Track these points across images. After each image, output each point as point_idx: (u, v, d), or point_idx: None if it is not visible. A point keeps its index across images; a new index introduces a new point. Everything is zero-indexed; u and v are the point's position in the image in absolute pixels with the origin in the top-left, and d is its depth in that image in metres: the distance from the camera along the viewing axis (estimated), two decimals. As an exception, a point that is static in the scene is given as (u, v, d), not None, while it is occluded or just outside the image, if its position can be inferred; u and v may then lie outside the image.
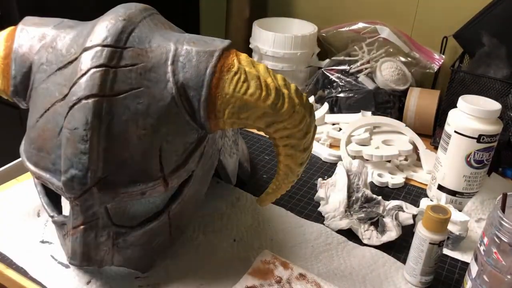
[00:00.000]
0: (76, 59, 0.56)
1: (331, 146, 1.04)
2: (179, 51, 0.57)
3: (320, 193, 0.83)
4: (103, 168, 0.55)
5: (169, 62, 0.57)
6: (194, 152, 0.60)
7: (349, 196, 0.80)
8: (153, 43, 0.58)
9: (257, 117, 0.58)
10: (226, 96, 0.57)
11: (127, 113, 0.55)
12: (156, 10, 0.65)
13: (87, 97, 0.53)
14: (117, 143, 0.55)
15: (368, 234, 0.75)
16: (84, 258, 0.58)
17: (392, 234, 0.74)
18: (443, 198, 0.84)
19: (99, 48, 0.55)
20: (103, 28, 0.56)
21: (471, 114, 0.78)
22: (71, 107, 0.54)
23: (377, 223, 0.76)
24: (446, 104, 0.99)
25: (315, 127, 0.64)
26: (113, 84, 0.54)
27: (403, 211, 0.76)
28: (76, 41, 0.58)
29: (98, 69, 0.54)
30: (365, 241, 0.75)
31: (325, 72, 1.17)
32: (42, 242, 0.70)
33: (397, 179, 0.92)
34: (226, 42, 0.59)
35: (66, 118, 0.54)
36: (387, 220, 0.76)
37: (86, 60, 0.54)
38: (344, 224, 0.76)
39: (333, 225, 0.77)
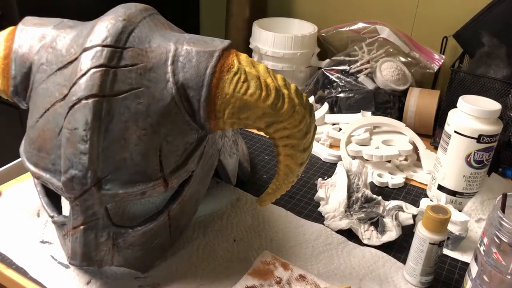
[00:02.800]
0: (76, 59, 0.56)
1: (331, 146, 1.04)
2: (179, 51, 0.57)
3: (320, 193, 0.83)
4: (103, 168, 0.55)
5: (169, 62, 0.57)
6: (194, 152, 0.60)
7: (349, 196, 0.80)
8: (153, 43, 0.58)
9: (257, 117, 0.58)
10: (226, 96, 0.57)
11: (127, 113, 0.55)
12: (156, 10, 0.65)
13: (87, 97, 0.53)
14: (117, 143, 0.55)
15: (368, 234, 0.75)
16: (84, 258, 0.58)
17: (392, 234, 0.74)
18: (443, 198, 0.84)
19: (99, 48, 0.55)
20: (103, 28, 0.56)
21: (471, 114, 0.78)
22: (71, 107, 0.54)
23: (377, 223, 0.76)
24: (446, 104, 0.99)
25: (315, 127, 0.64)
26: (113, 84, 0.54)
27: (403, 211, 0.76)
28: (76, 41, 0.58)
29: (98, 69, 0.54)
30: (365, 241, 0.75)
31: (325, 72, 1.17)
32: (42, 242, 0.70)
33: (397, 179, 0.92)
34: (226, 42, 0.59)
35: (66, 118, 0.54)
36: (387, 220, 0.76)
37: (86, 60, 0.54)
38: (344, 224, 0.76)
39: (333, 225, 0.77)
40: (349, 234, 0.76)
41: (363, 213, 0.77)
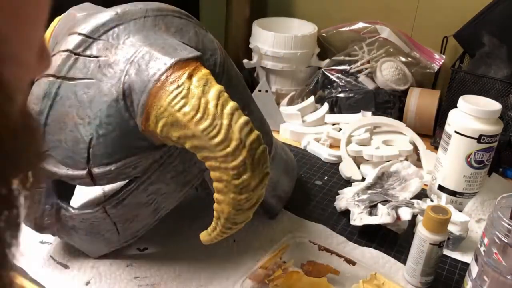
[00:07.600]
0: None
1: (331, 146, 1.04)
2: (143, 53, 0.56)
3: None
4: (44, 143, 0.58)
5: (129, 62, 0.57)
6: (132, 156, 0.58)
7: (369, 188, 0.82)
8: (128, 42, 0.59)
9: (187, 139, 0.53)
10: (160, 108, 0.53)
11: (72, 99, 0.57)
12: (182, 13, 0.66)
13: (47, 75, 0.58)
14: (57, 124, 0.58)
15: (358, 216, 0.75)
16: (28, 219, 0.64)
17: (376, 219, 0.73)
18: (443, 199, 0.84)
19: (75, 35, 0.59)
20: (95, 18, 0.59)
21: (472, 114, 0.78)
22: (35, 81, 0.59)
23: (375, 209, 0.76)
24: (446, 104, 0.99)
25: (266, 174, 0.55)
26: (70, 69, 0.58)
27: (410, 207, 0.75)
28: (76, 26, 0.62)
29: (63, 53, 0.58)
30: (351, 222, 0.75)
31: (325, 72, 1.17)
32: (42, 242, 0.70)
33: (397, 179, 0.91)
34: (195, 53, 0.56)
35: (31, 90, 0.60)
36: (382, 207, 0.75)
37: (62, 44, 0.59)
38: (343, 204, 0.78)
39: (337, 205, 0.81)
40: (349, 234, 0.76)
41: (366, 197, 0.78)
